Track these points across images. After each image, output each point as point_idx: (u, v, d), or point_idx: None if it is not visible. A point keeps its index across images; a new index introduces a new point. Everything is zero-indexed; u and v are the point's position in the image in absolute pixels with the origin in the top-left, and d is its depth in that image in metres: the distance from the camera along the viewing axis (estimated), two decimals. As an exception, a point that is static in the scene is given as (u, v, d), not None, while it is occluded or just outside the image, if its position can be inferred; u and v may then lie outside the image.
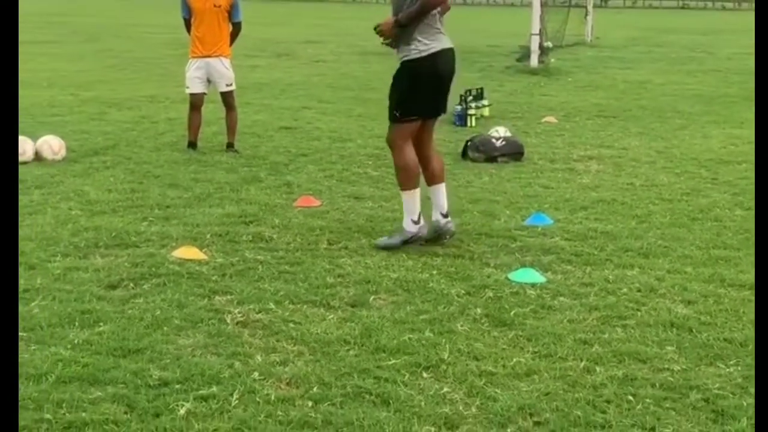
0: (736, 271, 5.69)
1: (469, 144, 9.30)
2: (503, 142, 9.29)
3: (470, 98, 11.53)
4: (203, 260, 5.71)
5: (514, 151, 9.25)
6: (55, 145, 8.70)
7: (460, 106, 11.35)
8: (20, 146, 8.43)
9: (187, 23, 9.37)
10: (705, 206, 7.39)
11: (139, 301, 5.01)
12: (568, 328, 4.75)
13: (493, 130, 9.87)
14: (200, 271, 5.51)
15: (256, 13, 25.09)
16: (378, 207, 7.13)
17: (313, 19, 34.59)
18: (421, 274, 5.56)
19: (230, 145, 9.38)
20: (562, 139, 10.55)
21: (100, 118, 11.33)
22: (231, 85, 9.38)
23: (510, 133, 9.87)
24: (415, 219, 6.11)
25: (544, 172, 8.71)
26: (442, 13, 6.19)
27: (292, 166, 8.74)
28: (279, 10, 38.43)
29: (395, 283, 5.39)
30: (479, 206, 7.25)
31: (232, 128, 9.45)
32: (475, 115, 11.44)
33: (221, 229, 6.42)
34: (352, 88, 14.82)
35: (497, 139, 9.34)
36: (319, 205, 7.20)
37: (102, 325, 4.64)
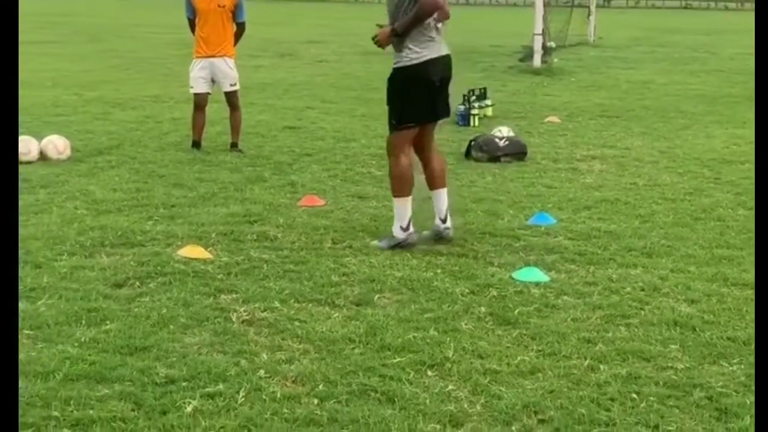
0: (739, 270, 5.71)
1: (473, 144, 9.32)
2: (506, 142, 9.31)
3: (473, 98, 11.56)
4: (208, 259, 5.74)
5: (517, 151, 9.27)
6: (60, 144, 8.73)
7: (463, 106, 11.37)
8: (25, 146, 8.47)
9: (192, 23, 9.39)
10: (708, 206, 7.41)
11: (145, 299, 5.04)
12: (572, 327, 4.77)
13: (497, 130, 9.88)
14: (205, 269, 5.54)
15: (258, 13, 25.08)
16: (382, 206, 7.14)
17: (315, 19, 34.62)
18: (426, 273, 5.58)
19: (234, 145, 9.40)
20: (565, 139, 10.57)
21: (105, 118, 11.36)
22: (235, 85, 9.41)
23: (513, 133, 9.89)
24: (404, 226, 6.12)
25: (548, 171, 8.73)
26: (439, 20, 6.22)
27: (296, 165, 8.76)
28: (281, 10, 38.44)
29: (400, 281, 5.41)
30: (483, 206, 7.27)
31: (236, 128, 9.47)
32: (478, 115, 11.45)
33: (226, 228, 6.45)
34: (355, 88, 14.84)
35: (500, 139, 9.36)
36: (324, 205, 7.22)
37: (108, 323, 4.67)
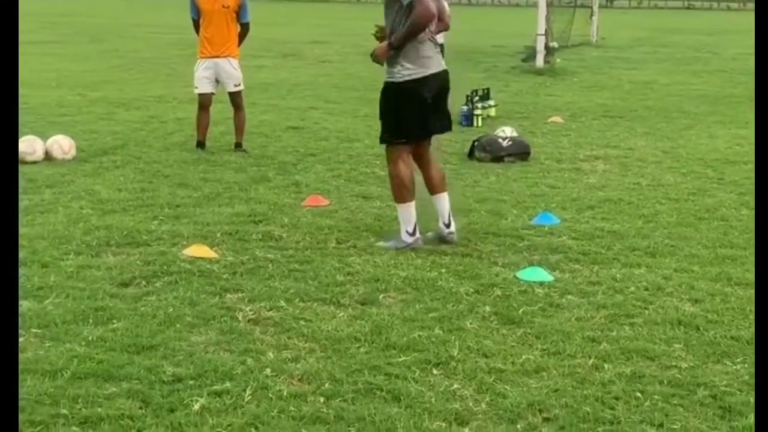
0: (743, 270, 5.73)
1: (476, 144, 9.34)
2: (510, 142, 9.33)
3: (476, 98, 11.58)
4: (214, 258, 5.77)
5: (520, 151, 9.29)
6: (65, 144, 8.76)
7: (466, 107, 11.40)
8: (30, 146, 8.50)
9: (196, 24, 9.42)
10: (711, 206, 7.42)
11: (152, 298, 5.06)
12: (576, 326, 4.79)
13: (500, 130, 9.91)
14: (211, 269, 5.56)
15: (261, 13, 25.05)
16: (386, 206, 7.16)
17: (318, 20, 34.65)
18: (430, 273, 5.60)
19: (238, 145, 9.43)
20: (569, 139, 10.59)
21: (109, 118, 11.39)
22: (239, 85, 9.44)
23: (516, 133, 9.91)
24: (410, 231, 6.13)
25: (551, 171, 8.74)
26: (438, 31, 6.24)
27: (300, 165, 8.79)
28: (284, 11, 38.46)
29: (404, 281, 5.44)
30: (486, 206, 7.30)
31: (240, 128, 9.50)
32: (481, 115, 11.48)
33: (231, 228, 6.47)
34: (358, 88, 14.85)
35: (504, 139, 9.38)
36: (328, 205, 7.25)
37: (115, 322, 4.69)
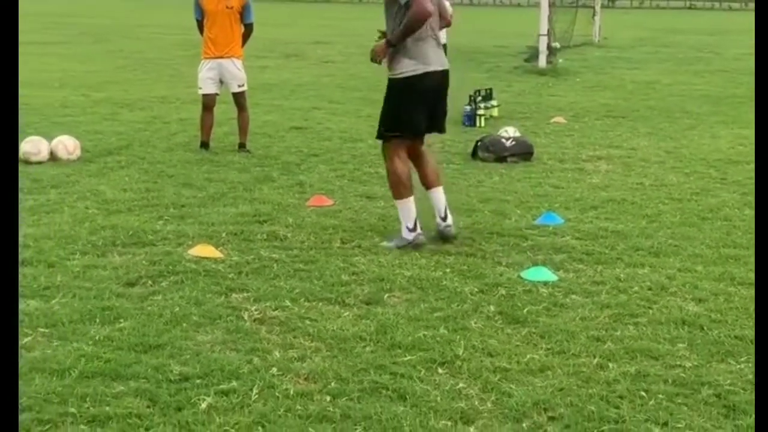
0: (746, 270, 5.74)
1: (479, 144, 9.36)
2: (513, 142, 9.35)
3: (479, 99, 11.60)
4: (219, 258, 5.79)
5: (523, 151, 9.31)
6: (69, 145, 8.78)
7: (469, 107, 11.42)
8: (35, 146, 8.53)
9: (200, 25, 9.45)
10: (714, 206, 7.44)
11: (158, 298, 5.08)
12: (580, 326, 4.81)
13: (503, 131, 9.93)
14: (216, 269, 5.59)
15: (263, 13, 25.09)
16: (390, 206, 7.16)
17: (320, 20, 34.69)
18: (434, 273, 5.62)
19: (242, 146, 9.45)
20: (571, 139, 10.60)
21: (113, 119, 11.42)
22: (243, 85, 9.46)
23: (519, 134, 9.93)
24: (411, 227, 6.16)
25: (554, 171, 8.76)
26: (440, 28, 6.27)
27: (304, 165, 8.81)
28: (286, 11, 38.51)
29: (409, 281, 5.46)
30: (490, 205, 7.32)
31: (244, 128, 9.52)
32: (484, 116, 11.49)
33: (236, 228, 6.49)
34: (361, 88, 14.87)
35: (507, 139, 9.40)
36: (332, 205, 7.27)
37: (122, 321, 4.72)
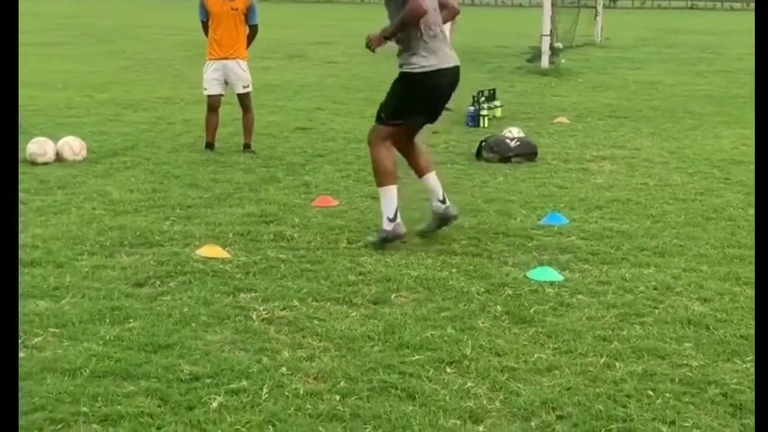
0: (751, 270, 5.74)
1: (484, 144, 9.39)
2: (517, 143, 9.38)
3: (483, 99, 11.62)
4: (227, 259, 5.82)
5: (527, 152, 9.33)
6: (75, 146, 8.81)
7: (472, 107, 11.44)
8: (41, 147, 8.57)
9: (205, 26, 9.48)
10: (719, 206, 7.47)
11: (167, 298, 5.11)
12: (587, 325, 4.84)
13: (507, 131, 9.95)
14: (224, 269, 5.62)
15: (266, 14, 25.14)
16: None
17: (323, 21, 34.70)
18: (441, 273, 5.65)
19: (247, 146, 9.48)
20: (575, 139, 10.63)
21: (117, 119, 11.45)
22: (248, 86, 9.49)
23: (523, 134, 9.95)
24: (391, 217, 6.17)
25: (558, 172, 8.79)
26: (446, 20, 6.30)
27: (309, 166, 8.84)
28: (288, 12, 38.51)
29: (416, 281, 5.48)
30: (495, 206, 7.34)
31: (249, 129, 9.55)
32: (487, 116, 11.51)
33: (243, 228, 6.52)
34: (364, 89, 14.89)
35: (511, 140, 9.43)
36: (338, 205, 7.30)
37: (132, 321, 4.75)
